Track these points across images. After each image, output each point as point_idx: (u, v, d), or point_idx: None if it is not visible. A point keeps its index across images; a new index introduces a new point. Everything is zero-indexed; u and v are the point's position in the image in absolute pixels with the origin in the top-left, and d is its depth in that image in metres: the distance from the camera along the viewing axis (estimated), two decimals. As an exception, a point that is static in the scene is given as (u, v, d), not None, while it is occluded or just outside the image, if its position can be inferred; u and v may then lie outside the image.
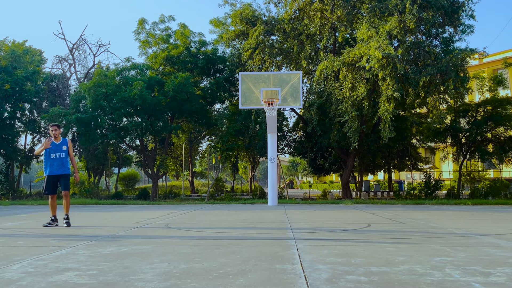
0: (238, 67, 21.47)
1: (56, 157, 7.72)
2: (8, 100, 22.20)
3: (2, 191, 24.81)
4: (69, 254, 4.50)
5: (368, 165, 27.00)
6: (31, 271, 3.63)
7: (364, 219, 9.19)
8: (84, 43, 26.76)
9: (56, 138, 7.82)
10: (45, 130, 25.98)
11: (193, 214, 11.01)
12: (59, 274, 3.52)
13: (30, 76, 22.33)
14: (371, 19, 17.73)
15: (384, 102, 16.84)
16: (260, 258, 4.24)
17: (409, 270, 3.64)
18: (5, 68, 21.48)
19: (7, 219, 9.63)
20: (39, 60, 24.39)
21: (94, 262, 4.02)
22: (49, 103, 24.97)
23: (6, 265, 3.91)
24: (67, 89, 26.43)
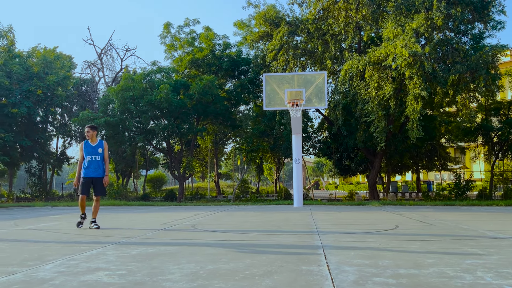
0: (262, 68, 21.50)
1: (92, 159, 7.57)
2: (40, 105, 22.95)
3: (36, 193, 25.64)
4: (99, 255, 4.58)
5: (396, 165, 26.55)
6: (63, 271, 3.71)
7: (392, 220, 9.03)
8: (112, 48, 27.46)
9: (91, 140, 7.65)
10: (75, 133, 26.71)
11: (219, 215, 11.05)
12: (90, 273, 3.59)
13: (61, 81, 23.01)
14: (397, 17, 17.46)
15: (411, 101, 16.54)
16: (286, 259, 4.22)
17: (439, 272, 3.56)
18: (38, 74, 22.21)
19: (40, 220, 9.86)
20: (69, 66, 25.13)
21: (123, 262, 4.08)
22: (79, 107, 25.69)
23: (39, 265, 3.99)
24: (96, 93, 27.11)
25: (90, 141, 7.64)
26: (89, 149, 7.58)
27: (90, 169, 7.55)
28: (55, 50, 25.22)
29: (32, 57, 23.41)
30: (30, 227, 8.15)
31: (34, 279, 3.40)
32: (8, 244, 5.55)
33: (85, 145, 7.60)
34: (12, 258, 4.40)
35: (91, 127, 7.72)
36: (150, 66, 24.83)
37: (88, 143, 7.62)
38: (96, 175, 7.58)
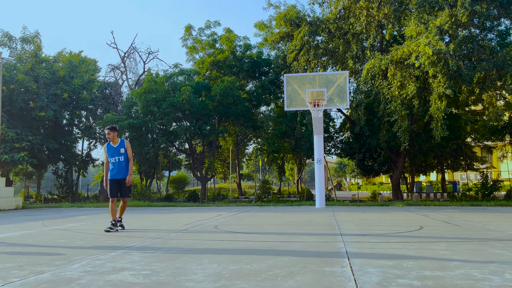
0: (283, 69, 21.48)
1: (116, 161, 7.45)
2: (66, 108, 23.52)
3: (62, 194, 26.29)
4: (124, 255, 4.66)
5: (420, 165, 26.11)
6: (89, 270, 3.79)
7: (416, 221, 8.89)
8: (134, 51, 27.84)
9: (112, 141, 7.50)
10: (100, 136, 27.24)
11: (241, 216, 11.10)
12: (115, 273, 3.65)
13: (86, 84, 23.54)
14: (420, 14, 17.16)
15: (436, 100, 16.25)
16: (309, 260, 4.20)
17: (466, 274, 3.49)
18: (63, 78, 22.77)
19: (67, 221, 10.10)
20: (93, 69, 25.68)
21: (148, 263, 4.14)
22: (103, 110, 26.20)
23: (66, 265, 4.09)
24: (119, 96, 27.60)
25: (112, 143, 7.52)
26: (111, 151, 7.49)
27: (115, 171, 7.47)
28: (80, 54, 25.82)
29: (58, 62, 24.01)
30: (57, 227, 8.34)
31: (61, 278, 3.48)
32: (36, 244, 5.69)
33: (108, 147, 7.53)
34: (40, 258, 4.51)
35: (111, 128, 7.56)
36: (172, 69, 25.18)
37: (110, 144, 7.52)
38: (121, 176, 7.48)
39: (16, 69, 21.52)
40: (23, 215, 12.60)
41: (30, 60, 22.59)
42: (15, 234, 7.17)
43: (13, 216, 12.16)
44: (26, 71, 21.50)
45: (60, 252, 4.97)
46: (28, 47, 23.23)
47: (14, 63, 22.08)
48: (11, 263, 4.23)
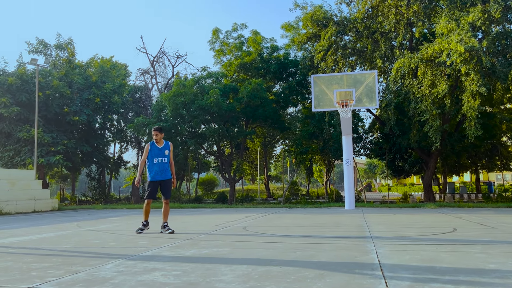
0: (310, 69, 21.37)
1: (158, 161, 7.30)
2: (98, 112, 24.17)
3: (96, 196, 27.01)
4: (155, 255, 4.73)
5: (453, 166, 25.45)
6: (122, 270, 3.86)
7: (449, 223, 8.68)
8: (163, 56, 28.33)
9: (158, 142, 7.38)
10: (131, 139, 27.83)
11: (269, 217, 11.10)
12: (147, 273, 3.71)
13: (117, 89, 24.13)
14: (451, 11, 16.76)
15: (468, 98, 15.80)
16: (338, 262, 4.17)
17: (502, 278, 3.38)
18: (95, 83, 23.42)
19: (100, 222, 10.35)
20: (124, 74, 26.30)
21: (178, 263, 4.19)
22: (134, 113, 26.77)
23: (100, 265, 4.20)
24: (149, 99, 28.15)
25: (157, 143, 7.38)
26: (156, 151, 7.32)
27: (156, 172, 7.30)
28: (111, 59, 26.49)
29: (91, 67, 24.72)
30: (91, 228, 8.55)
31: (95, 278, 3.57)
32: (72, 245, 5.86)
33: (152, 147, 7.36)
34: (75, 258, 4.65)
35: (158, 129, 7.42)
36: (200, 72, 25.47)
37: (154, 145, 7.37)
38: (163, 177, 7.34)
39: (51, 75, 22.28)
40: (58, 217, 12.96)
41: (64, 66, 23.35)
42: (51, 235, 7.37)
43: (49, 218, 12.52)
44: (61, 77, 22.23)
45: (94, 252, 5.09)
46: (62, 53, 24.03)
47: (49, 70, 22.88)
48: (47, 262, 4.35)
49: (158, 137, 7.36)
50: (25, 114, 21.37)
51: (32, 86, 21.20)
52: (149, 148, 7.38)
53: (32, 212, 15.60)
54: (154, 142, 7.40)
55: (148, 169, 7.38)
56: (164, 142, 7.46)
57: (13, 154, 21.41)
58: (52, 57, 23.93)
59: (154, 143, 7.40)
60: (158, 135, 7.36)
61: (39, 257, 4.75)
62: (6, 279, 3.58)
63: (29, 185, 16.90)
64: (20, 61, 23.01)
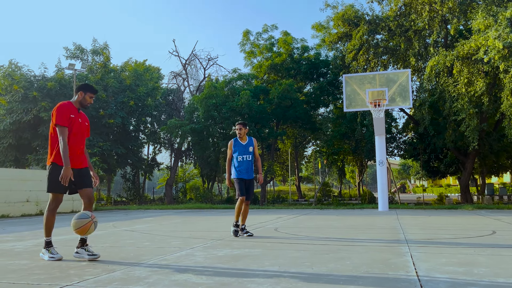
0: (342, 69, 21.15)
1: (243, 159, 6.80)
2: (132, 115, 24.74)
3: (130, 196, 27.65)
4: (188, 255, 4.79)
5: (491, 166, 24.55)
6: (156, 270, 3.93)
7: (488, 225, 8.41)
8: (195, 58, 28.68)
9: (241, 138, 6.89)
10: (164, 140, 28.33)
11: (300, 218, 11.06)
12: (180, 273, 3.77)
13: (150, 92, 24.62)
14: (488, 6, 16.23)
15: (508, 96, 15.27)
16: (371, 264, 4.11)
17: None
18: (130, 86, 23.98)
19: (135, 222, 10.56)
20: (157, 77, 26.78)
21: (210, 263, 4.24)
22: (167, 116, 27.24)
23: (136, 264, 4.27)
24: (181, 102, 28.58)
25: (240, 140, 6.89)
26: (240, 148, 6.84)
27: (242, 172, 6.79)
28: (145, 63, 27.05)
29: (125, 71, 25.33)
30: (126, 228, 8.70)
31: (131, 277, 3.64)
32: (108, 244, 6.01)
33: (235, 144, 6.89)
34: (112, 257, 4.76)
35: (243, 124, 6.90)
36: (231, 74, 25.65)
37: (238, 141, 6.88)
38: (248, 176, 6.84)
39: (88, 80, 22.99)
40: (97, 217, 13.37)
41: (100, 71, 24.03)
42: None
43: None
44: (97, 81, 22.90)
45: (129, 252, 5.19)
46: (98, 58, 24.74)
47: (86, 74, 23.61)
48: (85, 262, 4.49)
49: (242, 132, 6.85)
50: (64, 118, 22.08)
51: (70, 90, 21.95)
52: (232, 145, 6.91)
53: (70, 212, 16.12)
54: (238, 139, 6.91)
55: (233, 167, 6.91)
56: (247, 138, 6.94)
57: (52, 156, 22.17)
58: (89, 62, 24.69)
59: (238, 140, 6.90)
60: (242, 129, 6.85)
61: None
62: (47, 277, 3.71)
63: (67, 186, 17.43)
64: (59, 66, 23.88)
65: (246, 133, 6.94)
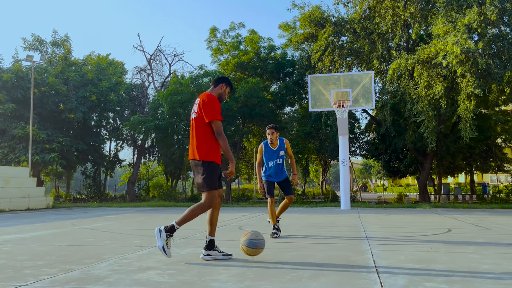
0: (307, 69, 21.39)
1: (274, 164, 6.46)
2: (94, 110, 24.07)
3: (91, 194, 26.90)
4: (150, 254, 4.72)
5: (448, 167, 25.54)
6: (117, 269, 3.83)
7: (444, 224, 8.70)
8: (160, 54, 28.21)
9: (272, 143, 6.43)
10: (127, 137, 27.72)
11: (264, 217, 11.04)
12: (141, 272, 3.69)
13: (113, 87, 24.01)
14: (447, 13, 16.82)
15: (464, 100, 15.89)
16: (333, 262, 4.17)
17: (496, 279, 3.39)
18: (92, 80, 23.31)
19: (96, 220, 10.27)
20: (121, 72, 26.17)
21: (173, 262, 4.18)
22: (130, 112, 26.66)
23: (95, 263, 4.15)
24: (146, 98, 28.04)
25: (271, 145, 6.44)
26: (270, 154, 6.48)
27: (271, 175, 6.53)
28: (108, 57, 26.36)
29: (87, 65, 24.59)
30: (86, 226, 8.46)
31: (90, 276, 3.54)
32: (66, 243, 5.81)
33: (266, 149, 6.50)
34: (70, 256, 4.61)
35: (274, 128, 6.39)
36: (197, 71, 25.38)
37: (268, 146, 6.46)
38: (279, 178, 6.57)
39: (47, 72, 22.16)
40: (53, 215, 12.88)
41: (60, 64, 23.23)
42: (46, 232, 7.33)
43: (44, 215, 12.44)
44: (57, 74, 22.12)
45: (88, 250, 5.08)
46: (58, 50, 23.90)
47: (45, 67, 22.74)
48: (41, 261, 4.33)
49: (274, 137, 6.38)
50: (20, 111, 21.25)
51: (28, 83, 21.09)
52: (262, 149, 6.52)
53: (26, 210, 15.52)
54: (268, 143, 6.46)
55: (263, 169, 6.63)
56: (278, 141, 6.46)
57: (8, 151, 21.28)
58: (48, 54, 23.80)
59: (268, 145, 6.46)
60: (274, 134, 6.36)
61: (33, 255, 4.71)
62: (0, 277, 3.57)
63: (23, 183, 16.81)
64: (16, 57, 22.86)
65: (277, 137, 6.47)
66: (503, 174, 29.32)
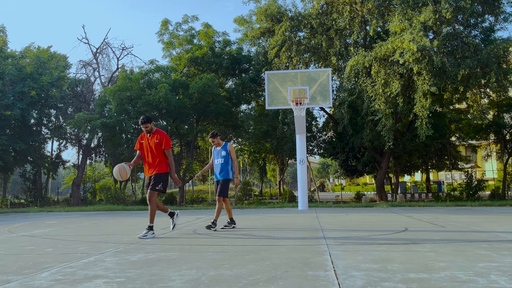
0: (264, 66, 20.85)
1: (217, 163, 7.74)
2: (34, 107, 22.28)
3: (30, 198, 24.93)
4: (97, 261, 4.51)
5: (404, 165, 25.90)
6: (60, 279, 3.66)
7: (401, 222, 8.78)
8: (107, 47, 26.62)
9: (217, 146, 7.80)
10: (71, 136, 25.98)
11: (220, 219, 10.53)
12: (87, 281, 3.54)
13: (55, 82, 22.32)
14: (404, 10, 16.87)
15: (420, 98, 15.97)
16: (291, 264, 4.13)
17: (451, 276, 3.47)
18: (31, 74, 21.54)
19: (35, 226, 9.54)
20: (63, 66, 24.41)
21: (122, 269, 4.03)
22: (74, 109, 25.00)
23: (35, 273, 3.91)
24: (91, 94, 26.39)
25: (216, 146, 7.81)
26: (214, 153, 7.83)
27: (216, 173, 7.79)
28: (49, 49, 24.49)
29: (25, 57, 22.74)
30: (24, 233, 7.90)
31: (30, 287, 3.36)
32: (2, 252, 5.41)
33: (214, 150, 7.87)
34: (7, 266, 4.32)
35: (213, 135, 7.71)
36: (147, 65, 24.15)
37: (215, 148, 7.84)
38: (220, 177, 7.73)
39: (-21, 65, 20.21)
40: None
41: (-6, 56, 21.29)
42: None
43: None
44: (-10, 67, 20.23)
45: (28, 259, 4.75)
46: (-7, 41, 21.91)
47: (-23, 59, 20.75)
48: None
49: (215, 142, 7.72)
50: None
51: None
52: (212, 151, 7.91)
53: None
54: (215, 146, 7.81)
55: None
56: (223, 143, 7.78)
57: None
58: (-19, 45, 21.78)
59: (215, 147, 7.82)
60: (215, 140, 7.68)
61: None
62: None
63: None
64: None
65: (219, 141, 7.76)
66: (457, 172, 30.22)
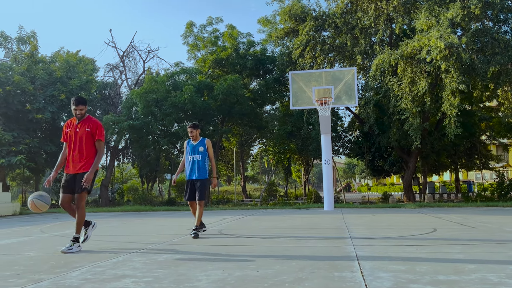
0: (288, 66, 20.76)
1: (192, 160, 6.93)
2: (64, 110, 22.85)
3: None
4: (125, 261, 4.55)
5: (433, 165, 25.34)
6: (90, 278, 3.70)
7: (429, 223, 8.63)
8: (134, 50, 27.01)
9: (194, 139, 6.98)
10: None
11: (246, 219, 10.74)
12: (116, 280, 3.58)
13: (84, 85, 22.80)
14: (430, 7, 16.50)
15: (448, 96, 15.58)
16: (317, 265, 4.09)
17: (481, 279, 3.38)
18: (61, 78, 22.08)
19: (66, 227, 9.75)
20: (91, 69, 24.90)
21: (150, 269, 4.05)
22: (102, 111, 25.48)
23: (66, 272, 3.97)
24: (118, 96, 26.84)
25: (193, 141, 7.01)
26: (190, 149, 7.01)
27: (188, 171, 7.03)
28: (78, 54, 25.05)
29: (55, 62, 23.30)
30: (56, 233, 8.05)
31: (61, 286, 3.41)
32: (35, 252, 5.46)
33: (188, 144, 7.07)
34: (40, 266, 4.38)
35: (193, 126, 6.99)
36: (173, 68, 24.43)
37: (190, 142, 7.05)
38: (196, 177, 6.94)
39: (12, 70, 20.84)
40: (20, 221, 12.30)
41: (26, 61, 21.91)
42: (13, 241, 6.90)
43: (10, 223, 11.82)
44: (22, 72, 20.83)
45: (59, 259, 4.82)
46: (24, 47, 22.55)
47: (9, 64, 21.42)
48: (8, 271, 4.13)
49: (194, 134, 6.94)
50: (-16, 112, 19.95)
51: (-9, 81, 19.79)
52: (185, 146, 7.09)
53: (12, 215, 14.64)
54: (190, 140, 7.02)
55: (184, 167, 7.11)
56: (200, 138, 7.04)
57: (-29, 154, 19.92)
58: (13, 51, 22.43)
59: (190, 141, 7.02)
60: (194, 131, 6.93)
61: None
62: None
63: (-13, 188, 15.88)
64: (-22, 54, 21.49)
65: (198, 134, 7.00)
66: (488, 172, 29.38)
